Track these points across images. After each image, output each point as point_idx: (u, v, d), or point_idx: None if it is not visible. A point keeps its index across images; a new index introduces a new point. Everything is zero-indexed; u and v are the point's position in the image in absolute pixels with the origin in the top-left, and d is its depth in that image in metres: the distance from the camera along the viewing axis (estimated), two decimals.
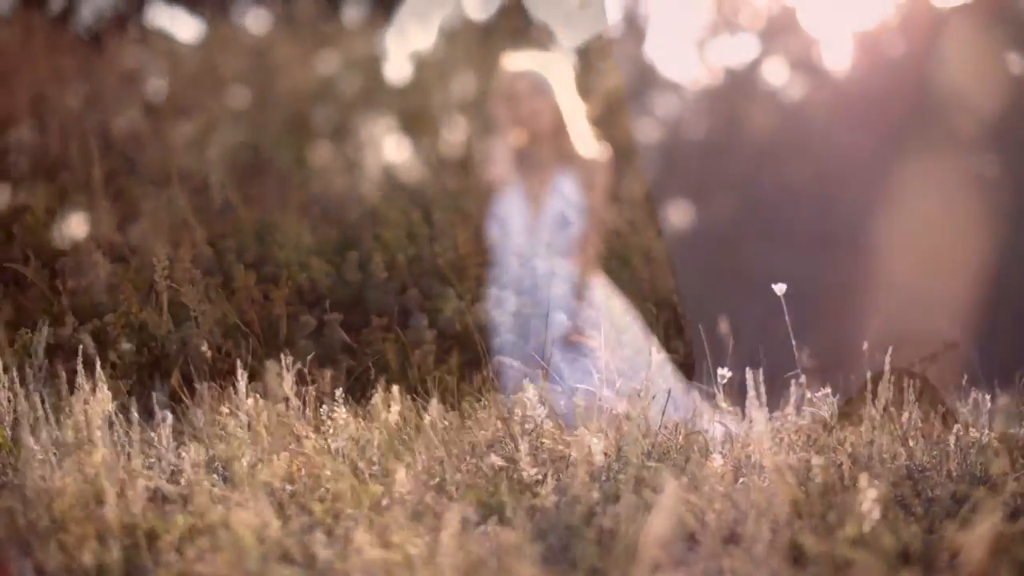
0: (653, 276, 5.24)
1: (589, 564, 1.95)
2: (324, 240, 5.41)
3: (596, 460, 2.30)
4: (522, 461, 2.33)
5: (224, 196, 5.75)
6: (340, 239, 5.49)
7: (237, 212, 5.64)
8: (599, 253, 4.81)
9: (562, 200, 4.21)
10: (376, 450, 2.52)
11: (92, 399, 2.44)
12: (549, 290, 4.20)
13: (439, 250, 5.16)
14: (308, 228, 5.60)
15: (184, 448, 2.58)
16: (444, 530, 1.87)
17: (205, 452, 2.43)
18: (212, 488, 2.26)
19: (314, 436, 2.59)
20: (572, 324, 4.16)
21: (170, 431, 2.55)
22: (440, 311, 4.73)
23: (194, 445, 2.57)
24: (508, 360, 4.10)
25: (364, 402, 3.01)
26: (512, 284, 4.27)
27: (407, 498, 2.17)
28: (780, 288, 2.62)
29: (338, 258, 5.06)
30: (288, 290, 4.67)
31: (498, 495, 2.17)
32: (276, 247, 5.18)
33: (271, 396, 2.68)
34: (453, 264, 5.03)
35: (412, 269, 5.08)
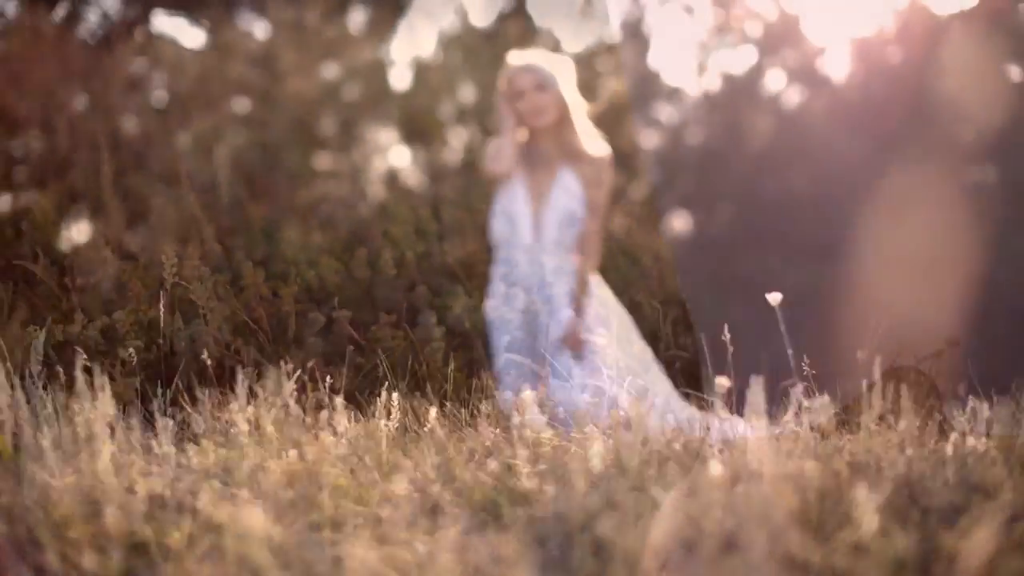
0: (662, 274, 5.24)
1: (587, 572, 1.95)
2: (333, 238, 5.41)
3: (594, 467, 2.31)
4: (520, 468, 2.33)
5: (233, 194, 5.76)
6: (349, 236, 5.49)
7: (246, 210, 5.65)
8: (608, 250, 4.80)
9: (567, 195, 4.18)
10: (375, 457, 2.53)
11: (94, 404, 2.44)
12: (558, 287, 4.17)
13: (448, 247, 5.16)
14: (317, 226, 5.61)
15: (185, 453, 2.59)
16: (442, 538, 1.87)
17: (206, 458, 2.44)
18: (213, 494, 2.26)
19: (314, 442, 2.59)
20: (581, 321, 4.14)
21: (171, 436, 2.56)
22: (449, 308, 4.72)
23: (195, 451, 2.58)
24: (517, 358, 4.08)
25: (373, 400, 3.01)
26: (521, 281, 4.23)
27: (405, 505, 2.17)
28: (775, 298, 2.63)
29: (347, 255, 5.05)
30: (297, 287, 4.67)
31: (496, 502, 2.18)
32: (284, 244, 5.19)
33: (272, 402, 2.69)
34: (462, 261, 5.03)
35: (421, 266, 5.07)
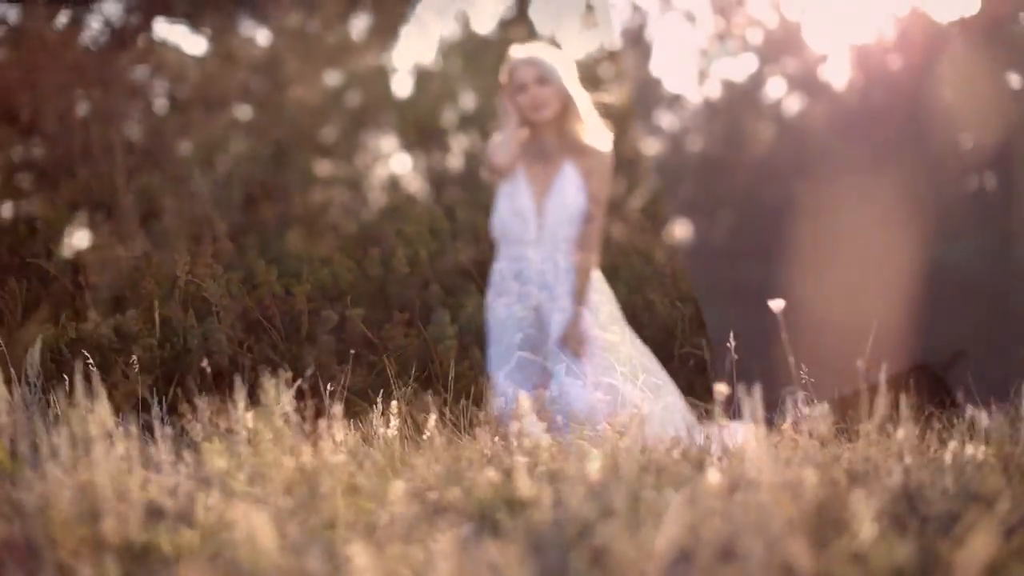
0: (675, 272, 5.23)
1: None
2: (346, 236, 5.41)
3: (593, 475, 2.31)
4: (519, 476, 2.33)
5: (245, 193, 5.76)
6: (362, 235, 5.49)
7: (259, 208, 5.65)
8: (621, 248, 4.77)
9: (570, 189, 4.14)
10: (374, 465, 2.53)
11: (93, 411, 2.45)
12: (560, 283, 4.13)
13: (461, 245, 5.15)
14: (328, 226, 5.61)
15: (184, 461, 2.59)
16: (439, 547, 1.87)
17: (204, 465, 2.44)
18: (209, 503, 2.26)
19: (313, 450, 2.60)
20: (582, 320, 4.12)
21: (171, 443, 2.56)
22: (462, 306, 4.71)
23: (194, 458, 2.58)
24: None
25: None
26: (523, 276, 4.19)
27: (403, 514, 2.17)
28: (778, 304, 2.63)
29: (360, 253, 5.04)
30: (310, 285, 4.66)
31: (494, 510, 2.17)
32: (295, 244, 5.19)
33: (270, 411, 2.69)
34: (475, 259, 5.03)
35: (434, 265, 5.06)
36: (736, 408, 2.60)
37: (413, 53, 9.63)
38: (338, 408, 2.72)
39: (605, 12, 8.92)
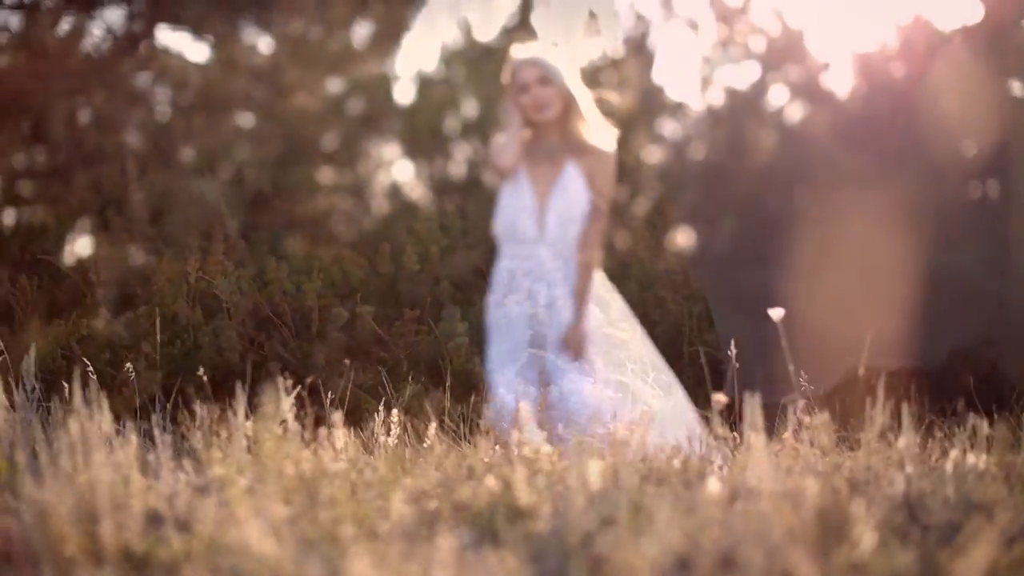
0: (686, 269, 5.21)
1: None
2: (357, 232, 5.40)
3: (593, 484, 2.30)
4: (519, 485, 2.33)
5: (258, 188, 5.75)
6: (373, 231, 5.47)
7: (271, 204, 5.65)
8: (632, 246, 4.76)
9: (572, 190, 4.12)
10: (374, 473, 2.52)
11: (91, 420, 2.44)
12: (562, 282, 4.12)
13: (472, 242, 5.14)
14: (332, 232, 5.60)
15: (183, 469, 2.59)
16: (439, 555, 1.87)
17: (203, 475, 2.43)
18: (208, 511, 2.26)
19: (313, 458, 2.59)
20: (583, 321, 4.11)
21: (170, 452, 2.56)
22: (473, 303, 4.69)
23: (193, 466, 2.58)
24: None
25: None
26: (525, 276, 4.17)
27: (403, 523, 2.17)
28: (778, 313, 2.62)
29: (370, 250, 5.02)
30: (320, 282, 4.65)
31: (493, 520, 2.17)
32: (308, 240, 5.19)
33: (270, 418, 2.68)
34: (486, 256, 5.02)
35: (445, 261, 5.04)
36: (736, 416, 2.59)
37: (415, 60, 9.65)
38: (338, 415, 2.71)
39: (608, 20, 8.93)
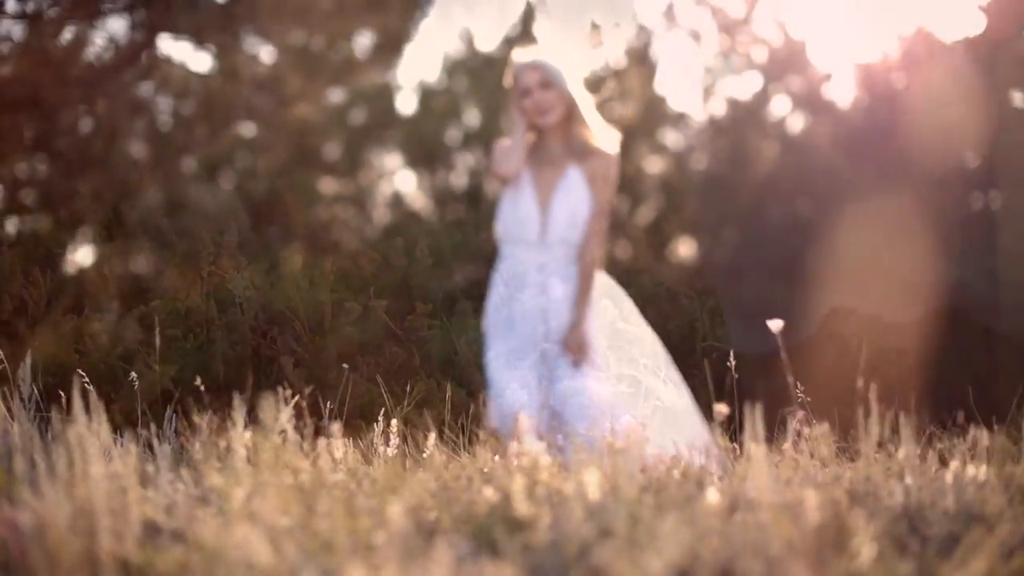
0: (697, 265, 5.21)
1: None
2: (370, 226, 5.40)
3: (592, 495, 2.29)
4: (517, 497, 2.32)
5: (260, 198, 5.75)
6: (386, 225, 5.46)
7: (283, 200, 5.65)
8: (642, 244, 4.74)
9: (574, 193, 4.10)
10: (373, 483, 2.52)
11: (90, 430, 2.44)
12: (563, 285, 4.11)
13: (485, 236, 5.13)
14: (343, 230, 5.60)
15: (182, 479, 2.58)
16: (436, 566, 1.86)
17: (201, 485, 2.43)
18: (206, 521, 2.25)
19: (312, 468, 2.59)
20: (584, 322, 4.09)
21: (169, 461, 2.55)
22: (486, 298, 4.69)
23: (192, 476, 2.57)
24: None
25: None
26: (526, 279, 4.15)
27: (401, 534, 2.16)
28: (776, 324, 2.62)
29: (384, 244, 5.02)
30: (333, 276, 4.64)
31: (492, 531, 2.16)
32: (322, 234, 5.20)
33: (269, 428, 2.68)
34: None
35: (458, 255, 5.03)
36: (737, 426, 2.59)
37: (417, 70, 9.66)
38: (337, 426, 2.71)
39: (610, 30, 8.95)
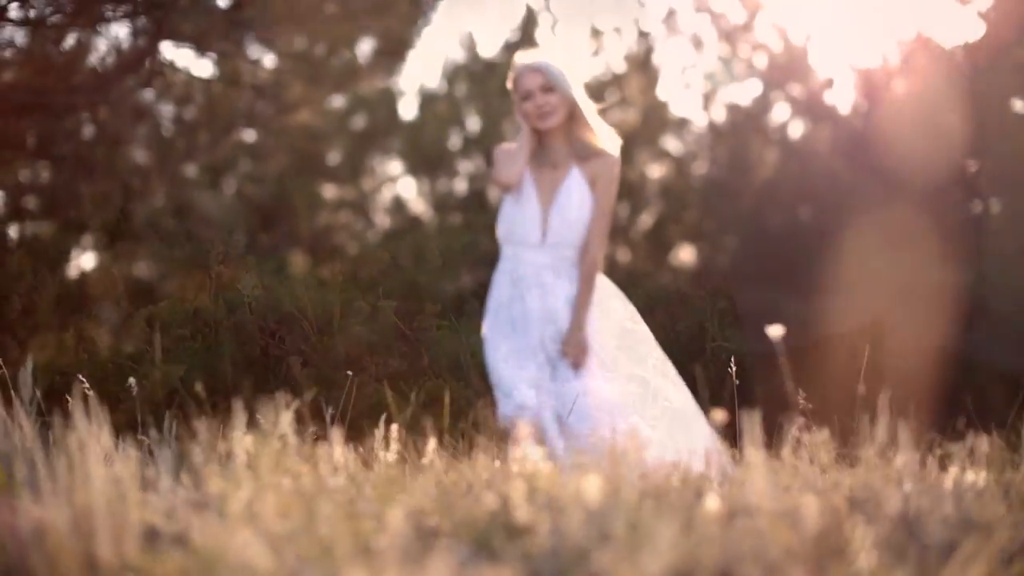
0: (706, 263, 5.21)
1: None
2: (373, 231, 5.41)
3: (591, 501, 2.29)
4: (516, 503, 2.32)
5: (274, 191, 5.76)
6: (389, 230, 5.47)
7: (286, 206, 5.67)
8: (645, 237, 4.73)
9: (576, 195, 4.09)
10: (373, 488, 2.52)
11: (90, 434, 2.44)
12: (564, 287, 4.11)
13: (492, 239, 5.15)
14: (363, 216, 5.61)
15: (182, 484, 2.58)
16: (435, 572, 1.86)
17: (201, 489, 2.43)
18: (206, 526, 2.25)
19: (312, 473, 2.59)
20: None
21: (168, 467, 2.56)
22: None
23: (191, 481, 2.57)
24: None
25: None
26: (527, 280, 4.15)
27: (401, 539, 2.16)
28: (776, 330, 2.62)
29: (392, 245, 5.02)
30: (342, 276, 4.65)
31: (491, 537, 2.16)
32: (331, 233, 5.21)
33: (269, 433, 2.68)
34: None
35: (467, 256, 5.03)
36: (737, 433, 2.59)
37: (419, 76, 9.66)
38: (338, 431, 2.71)
39: (612, 36, 8.96)
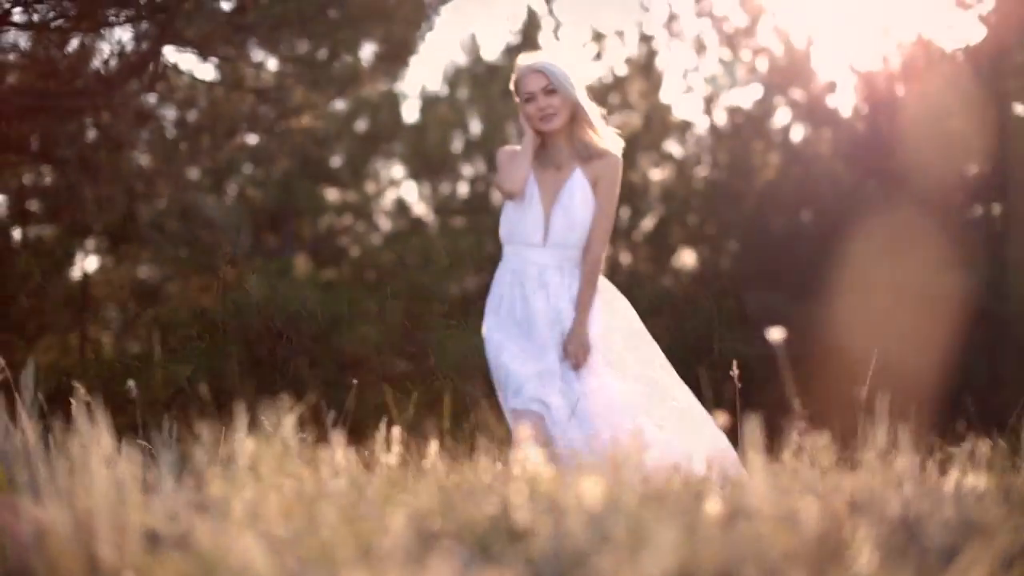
0: (714, 263, 5.21)
1: None
2: (376, 234, 5.43)
3: (592, 505, 2.30)
4: (517, 506, 2.32)
5: (277, 194, 5.78)
6: (390, 233, 5.49)
7: (289, 209, 5.70)
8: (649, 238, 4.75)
9: (579, 196, 4.09)
10: (374, 491, 2.52)
11: (91, 437, 2.44)
12: (565, 287, 4.11)
13: (496, 241, 5.17)
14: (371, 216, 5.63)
15: (183, 487, 2.59)
16: (436, 575, 1.87)
17: (203, 492, 2.43)
18: (208, 529, 2.26)
19: (313, 476, 2.59)
20: (586, 325, 4.10)
21: (170, 470, 2.56)
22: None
23: (193, 484, 2.58)
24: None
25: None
26: (529, 281, 4.15)
27: (401, 542, 2.17)
28: (777, 333, 2.62)
29: (399, 246, 5.04)
30: (350, 276, 4.68)
31: (492, 540, 2.17)
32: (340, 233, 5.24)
33: (271, 435, 2.68)
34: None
35: (472, 258, 5.05)
36: (738, 436, 2.59)
37: (421, 79, 9.68)
38: (340, 434, 2.72)
39: (614, 40, 8.97)
